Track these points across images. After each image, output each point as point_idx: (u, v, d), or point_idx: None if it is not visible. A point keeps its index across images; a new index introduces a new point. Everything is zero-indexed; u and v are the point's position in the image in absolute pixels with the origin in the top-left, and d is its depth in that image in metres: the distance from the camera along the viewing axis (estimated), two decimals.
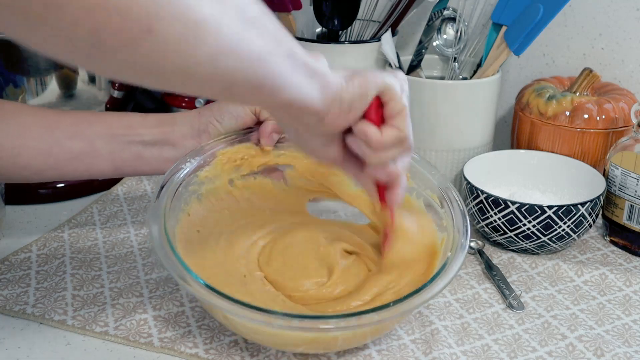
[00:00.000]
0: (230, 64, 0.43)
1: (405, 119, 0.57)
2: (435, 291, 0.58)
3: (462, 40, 0.92)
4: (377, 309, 0.56)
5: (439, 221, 0.68)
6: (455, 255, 0.61)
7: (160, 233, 0.61)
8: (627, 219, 0.79)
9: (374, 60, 0.91)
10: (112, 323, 0.66)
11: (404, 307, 0.57)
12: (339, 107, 0.54)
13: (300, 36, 0.92)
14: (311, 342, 0.59)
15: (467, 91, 0.85)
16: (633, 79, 0.93)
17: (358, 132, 0.57)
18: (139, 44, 0.38)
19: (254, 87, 0.47)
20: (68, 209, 0.88)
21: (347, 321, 0.56)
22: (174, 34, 0.39)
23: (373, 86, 0.55)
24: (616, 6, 0.91)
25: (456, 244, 0.63)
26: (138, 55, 0.39)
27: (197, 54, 0.41)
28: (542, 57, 0.98)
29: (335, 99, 0.53)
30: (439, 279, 0.59)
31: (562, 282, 0.74)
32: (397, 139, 0.57)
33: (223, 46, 0.42)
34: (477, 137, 0.87)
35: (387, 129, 0.57)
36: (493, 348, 0.63)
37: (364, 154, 0.58)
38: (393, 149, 0.58)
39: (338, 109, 0.54)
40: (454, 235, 0.64)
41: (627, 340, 0.65)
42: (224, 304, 0.55)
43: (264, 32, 0.45)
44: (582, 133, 0.84)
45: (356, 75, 0.55)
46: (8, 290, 0.70)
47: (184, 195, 0.68)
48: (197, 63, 0.41)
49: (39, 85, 0.87)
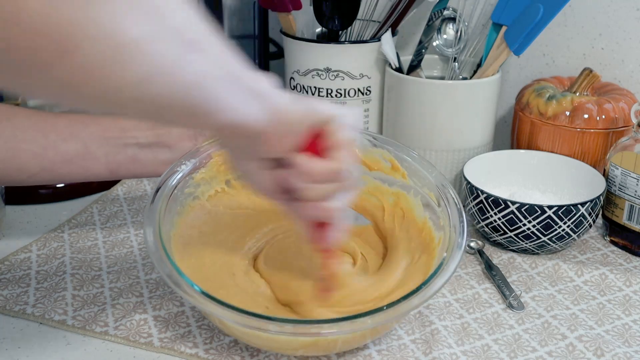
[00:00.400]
0: (160, 89, 0.41)
1: (347, 153, 0.54)
2: (433, 291, 0.58)
3: (462, 40, 0.92)
4: (373, 312, 0.56)
5: (436, 220, 0.68)
6: (451, 254, 0.61)
7: (155, 237, 0.60)
8: (627, 219, 0.79)
9: (374, 61, 0.91)
10: (112, 323, 0.66)
11: (401, 309, 0.57)
12: (280, 128, 0.51)
13: (300, 36, 0.92)
14: (309, 345, 0.59)
15: (467, 91, 0.85)
16: (633, 79, 0.93)
17: (291, 158, 0.53)
18: (56, 65, 0.35)
19: (188, 113, 0.44)
20: (68, 209, 0.88)
21: (340, 325, 0.55)
22: (95, 57, 0.36)
23: (319, 113, 0.52)
24: (616, 6, 0.91)
25: (452, 243, 0.63)
26: (54, 76, 0.36)
27: (121, 78, 0.38)
28: (542, 57, 0.98)
29: (277, 120, 0.50)
30: (436, 279, 0.59)
31: (562, 282, 0.74)
32: (333, 171, 0.53)
33: (151, 72, 0.39)
34: (477, 137, 0.87)
35: (324, 160, 0.53)
36: (493, 348, 0.63)
37: (296, 186, 0.54)
38: (328, 183, 0.54)
39: (279, 131, 0.51)
40: (450, 235, 0.64)
41: (627, 340, 0.65)
42: (218, 310, 0.55)
43: (203, 56, 0.43)
44: (582, 133, 0.84)
45: (304, 100, 0.52)
46: (8, 290, 0.70)
47: (179, 198, 0.67)
48: (120, 88, 0.38)
49: None
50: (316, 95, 0.92)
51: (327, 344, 0.59)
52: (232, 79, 0.46)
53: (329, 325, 0.56)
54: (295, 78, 0.93)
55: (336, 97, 0.91)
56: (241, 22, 1.02)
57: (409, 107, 0.87)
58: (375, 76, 0.92)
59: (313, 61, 0.90)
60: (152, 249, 0.59)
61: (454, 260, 0.61)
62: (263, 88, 0.49)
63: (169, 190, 0.66)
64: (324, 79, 0.91)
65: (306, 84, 0.92)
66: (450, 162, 0.87)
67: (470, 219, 0.84)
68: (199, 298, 0.56)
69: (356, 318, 0.56)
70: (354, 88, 0.91)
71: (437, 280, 0.59)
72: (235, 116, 0.47)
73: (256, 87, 0.48)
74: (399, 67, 0.90)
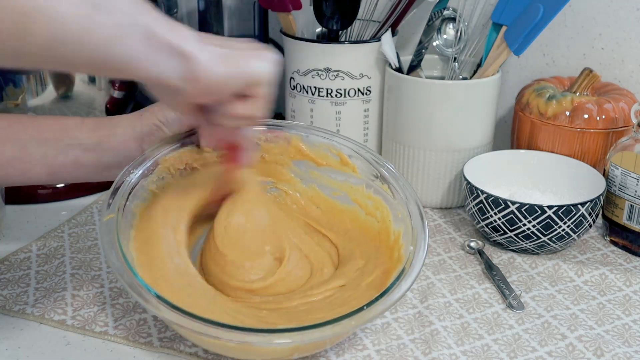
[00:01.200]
0: (73, 50, 0.42)
1: (263, 104, 0.59)
2: (401, 293, 0.58)
3: (462, 40, 0.92)
4: (339, 319, 0.55)
5: (394, 212, 0.68)
6: (417, 248, 0.62)
7: (117, 257, 0.58)
8: (627, 219, 0.79)
9: (374, 61, 0.91)
10: (111, 323, 0.66)
11: (368, 315, 0.56)
12: (201, 89, 0.53)
13: (300, 36, 0.92)
14: (264, 353, 0.58)
15: (467, 91, 0.85)
16: (633, 79, 0.93)
17: (215, 105, 0.58)
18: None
19: (110, 69, 0.46)
20: (68, 209, 0.88)
21: (292, 336, 0.55)
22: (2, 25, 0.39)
23: (242, 77, 0.55)
24: (616, 6, 0.91)
25: (416, 236, 0.63)
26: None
27: (29, 44, 0.40)
28: (542, 57, 0.98)
29: (197, 81, 0.52)
30: (405, 278, 0.59)
31: (562, 282, 0.74)
32: (251, 116, 0.59)
33: (59, 35, 0.41)
34: (477, 137, 0.87)
35: (245, 105, 0.58)
36: (493, 348, 0.63)
37: (217, 121, 0.60)
38: (245, 120, 0.60)
39: (199, 90, 0.53)
40: (412, 227, 0.64)
41: (627, 340, 0.65)
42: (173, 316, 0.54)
43: (114, 15, 0.44)
44: (582, 133, 0.84)
45: (227, 60, 0.54)
46: (8, 290, 0.70)
47: (131, 209, 0.65)
48: (32, 52, 0.41)
49: (39, 85, 0.87)
50: (316, 95, 0.92)
51: (280, 352, 0.58)
52: (147, 36, 0.47)
53: (278, 335, 0.55)
54: (295, 78, 0.93)
55: (336, 97, 0.91)
56: (241, 22, 1.02)
57: (409, 107, 0.87)
58: (375, 76, 0.92)
59: (313, 61, 0.90)
60: (119, 270, 0.57)
61: (420, 254, 0.61)
62: (185, 45, 0.50)
63: (122, 203, 0.63)
64: (324, 79, 0.91)
65: (306, 84, 0.92)
66: (450, 162, 0.87)
67: (470, 219, 0.84)
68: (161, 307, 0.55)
69: (318, 327, 0.55)
70: (354, 88, 0.91)
71: (405, 280, 0.59)
72: (152, 74, 0.49)
73: (176, 44, 0.49)
74: (399, 67, 0.90)
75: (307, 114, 0.93)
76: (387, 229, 0.69)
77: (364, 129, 0.94)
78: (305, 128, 0.75)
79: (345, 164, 0.72)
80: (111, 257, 0.58)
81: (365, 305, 0.56)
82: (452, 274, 0.75)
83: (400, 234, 0.66)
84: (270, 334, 0.55)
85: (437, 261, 0.78)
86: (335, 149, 0.73)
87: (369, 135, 0.95)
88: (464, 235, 0.84)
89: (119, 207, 0.62)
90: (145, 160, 0.67)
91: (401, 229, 0.66)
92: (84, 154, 0.67)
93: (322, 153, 0.73)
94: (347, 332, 0.58)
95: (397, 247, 0.66)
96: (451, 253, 0.79)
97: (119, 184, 0.64)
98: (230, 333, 0.54)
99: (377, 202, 0.71)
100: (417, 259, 0.61)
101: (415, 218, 0.65)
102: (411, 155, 0.88)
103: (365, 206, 0.72)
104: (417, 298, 0.71)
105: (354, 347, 0.63)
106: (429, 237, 0.64)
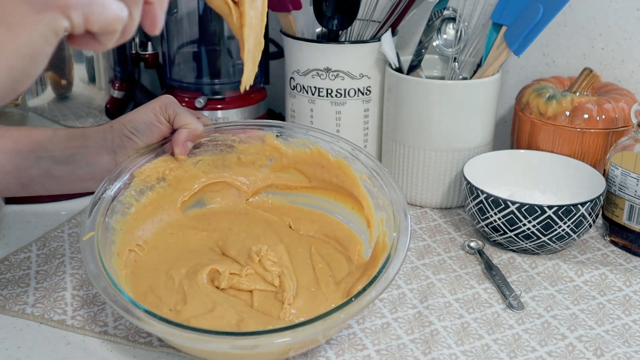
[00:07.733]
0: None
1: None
2: (388, 282, 0.58)
3: (462, 40, 0.92)
4: (329, 313, 0.55)
5: (375, 200, 0.69)
6: (399, 236, 0.62)
7: (100, 274, 0.58)
8: (627, 219, 0.79)
9: (374, 61, 0.91)
10: (111, 323, 0.66)
11: (353, 308, 0.56)
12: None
13: (300, 36, 0.92)
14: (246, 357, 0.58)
15: (467, 91, 0.85)
16: (633, 79, 0.93)
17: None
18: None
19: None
20: (68, 209, 0.88)
21: (281, 335, 0.55)
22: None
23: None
24: (616, 6, 0.91)
25: (398, 223, 0.63)
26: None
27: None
28: (542, 57, 0.98)
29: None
30: (390, 266, 0.59)
31: (562, 282, 0.74)
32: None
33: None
34: (477, 137, 0.87)
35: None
36: (493, 348, 0.63)
37: None
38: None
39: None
40: (394, 214, 0.64)
41: (627, 340, 0.65)
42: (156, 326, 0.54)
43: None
44: (582, 133, 0.84)
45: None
46: (8, 290, 0.70)
47: (111, 225, 0.65)
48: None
49: (39, 85, 0.87)
50: (316, 95, 0.92)
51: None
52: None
53: (267, 336, 0.55)
54: (295, 78, 0.93)
55: (336, 97, 0.91)
56: None
57: (409, 107, 0.87)
58: (375, 76, 0.92)
59: (313, 61, 0.91)
60: (103, 289, 0.57)
61: (404, 242, 0.61)
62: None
63: (101, 219, 0.63)
64: (324, 79, 0.91)
65: (306, 84, 0.92)
66: (450, 162, 0.87)
67: (470, 219, 0.84)
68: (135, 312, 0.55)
69: (304, 325, 0.55)
70: (354, 88, 0.91)
71: (390, 268, 0.59)
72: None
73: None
74: (399, 67, 0.90)
75: (307, 114, 0.94)
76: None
77: (364, 129, 0.94)
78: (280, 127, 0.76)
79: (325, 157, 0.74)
80: (100, 283, 0.57)
81: (353, 297, 0.56)
82: (452, 274, 0.75)
83: (382, 221, 0.67)
84: (268, 334, 0.55)
85: (437, 261, 0.78)
86: (311, 144, 0.74)
87: (369, 135, 0.95)
88: (464, 235, 0.84)
89: (98, 224, 0.62)
90: (121, 173, 0.67)
91: (383, 217, 0.67)
92: (56, 166, 0.67)
93: (298, 149, 0.74)
94: (338, 325, 0.58)
95: (382, 233, 0.66)
96: (451, 253, 0.80)
97: (96, 200, 0.64)
98: (233, 339, 0.54)
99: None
100: (401, 244, 0.61)
101: (396, 204, 0.65)
102: (411, 155, 0.88)
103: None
104: (417, 298, 0.71)
105: (354, 347, 0.63)
106: (411, 223, 0.64)
